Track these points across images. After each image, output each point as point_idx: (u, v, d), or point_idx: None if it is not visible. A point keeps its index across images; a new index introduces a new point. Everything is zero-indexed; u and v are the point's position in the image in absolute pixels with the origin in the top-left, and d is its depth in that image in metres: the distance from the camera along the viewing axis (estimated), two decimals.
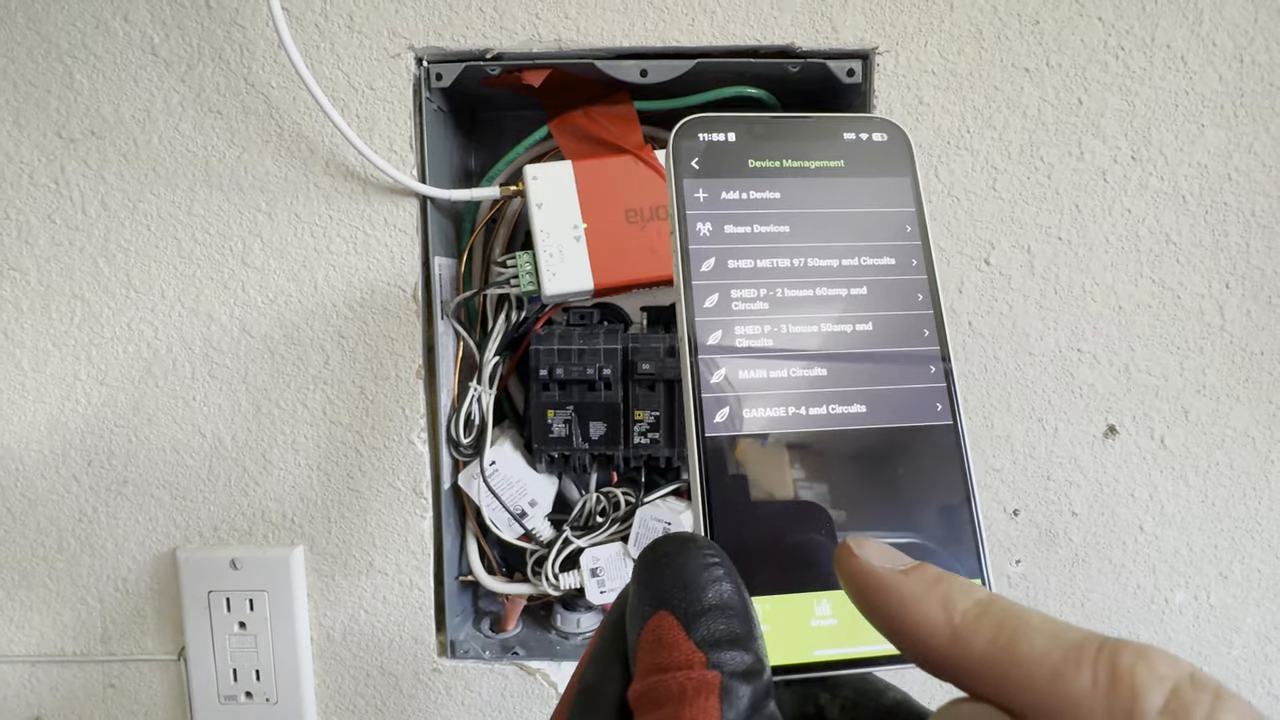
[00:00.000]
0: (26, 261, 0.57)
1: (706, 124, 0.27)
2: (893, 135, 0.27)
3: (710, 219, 0.26)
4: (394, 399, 0.58)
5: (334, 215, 0.56)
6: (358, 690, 0.62)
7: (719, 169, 0.26)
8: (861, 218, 0.26)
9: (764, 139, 0.27)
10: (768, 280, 0.25)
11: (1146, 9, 0.54)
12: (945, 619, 0.16)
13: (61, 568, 0.60)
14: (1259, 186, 0.55)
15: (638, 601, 0.19)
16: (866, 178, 0.27)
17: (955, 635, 0.16)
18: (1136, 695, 0.13)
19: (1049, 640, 0.15)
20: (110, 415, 0.59)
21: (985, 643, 0.15)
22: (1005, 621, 0.15)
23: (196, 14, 0.55)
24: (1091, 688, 0.14)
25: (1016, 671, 0.15)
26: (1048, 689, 0.14)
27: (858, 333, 0.25)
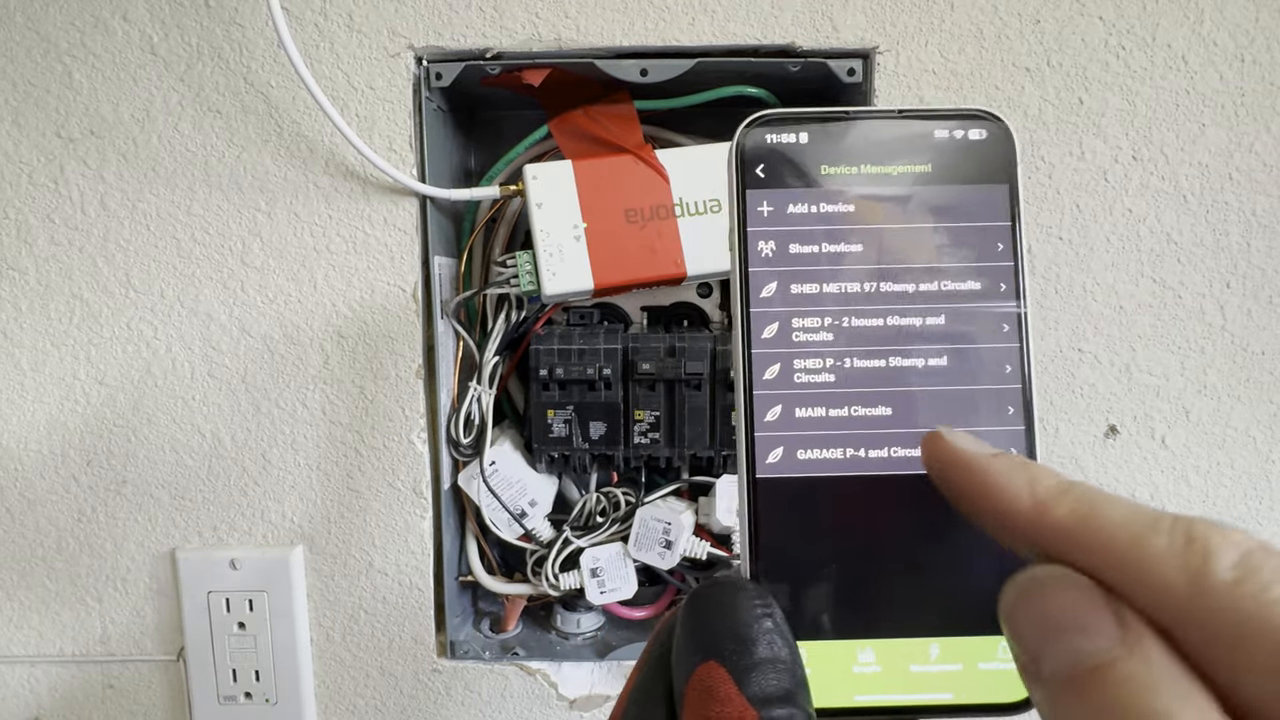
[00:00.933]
0: (25, 261, 0.57)
1: (775, 123, 0.23)
2: (992, 132, 0.24)
3: (775, 236, 0.23)
4: (394, 399, 0.58)
5: (333, 215, 0.56)
6: (357, 691, 0.62)
7: (788, 177, 0.23)
8: (947, 233, 0.23)
9: (840, 140, 0.23)
10: (834, 308, 0.23)
11: (1147, 8, 0.54)
12: (1029, 492, 0.17)
13: (60, 568, 0.60)
14: (1260, 186, 0.55)
15: (687, 646, 0.19)
16: (956, 185, 0.23)
17: (1038, 505, 0.16)
18: (1209, 554, 0.14)
19: (1129, 512, 0.15)
20: (109, 415, 0.58)
21: (1067, 511, 0.16)
22: (1087, 496, 0.16)
23: (195, 13, 0.55)
24: (1168, 549, 0.14)
25: (1096, 536, 0.15)
26: (1126, 550, 0.15)
27: (930, 368, 0.23)
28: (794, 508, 0.23)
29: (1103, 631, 0.15)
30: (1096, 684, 0.14)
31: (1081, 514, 0.16)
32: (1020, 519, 0.17)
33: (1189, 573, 0.14)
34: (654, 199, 0.56)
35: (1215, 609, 0.14)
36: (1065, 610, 0.15)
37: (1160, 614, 0.14)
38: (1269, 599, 0.13)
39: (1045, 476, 0.17)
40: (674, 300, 0.64)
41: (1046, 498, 0.16)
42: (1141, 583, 0.15)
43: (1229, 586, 0.14)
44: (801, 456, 0.23)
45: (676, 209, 0.56)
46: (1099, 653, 0.14)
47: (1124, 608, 0.15)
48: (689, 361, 0.56)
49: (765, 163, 0.23)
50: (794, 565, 0.22)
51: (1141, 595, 0.15)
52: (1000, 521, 0.17)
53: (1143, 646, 0.14)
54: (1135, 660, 0.14)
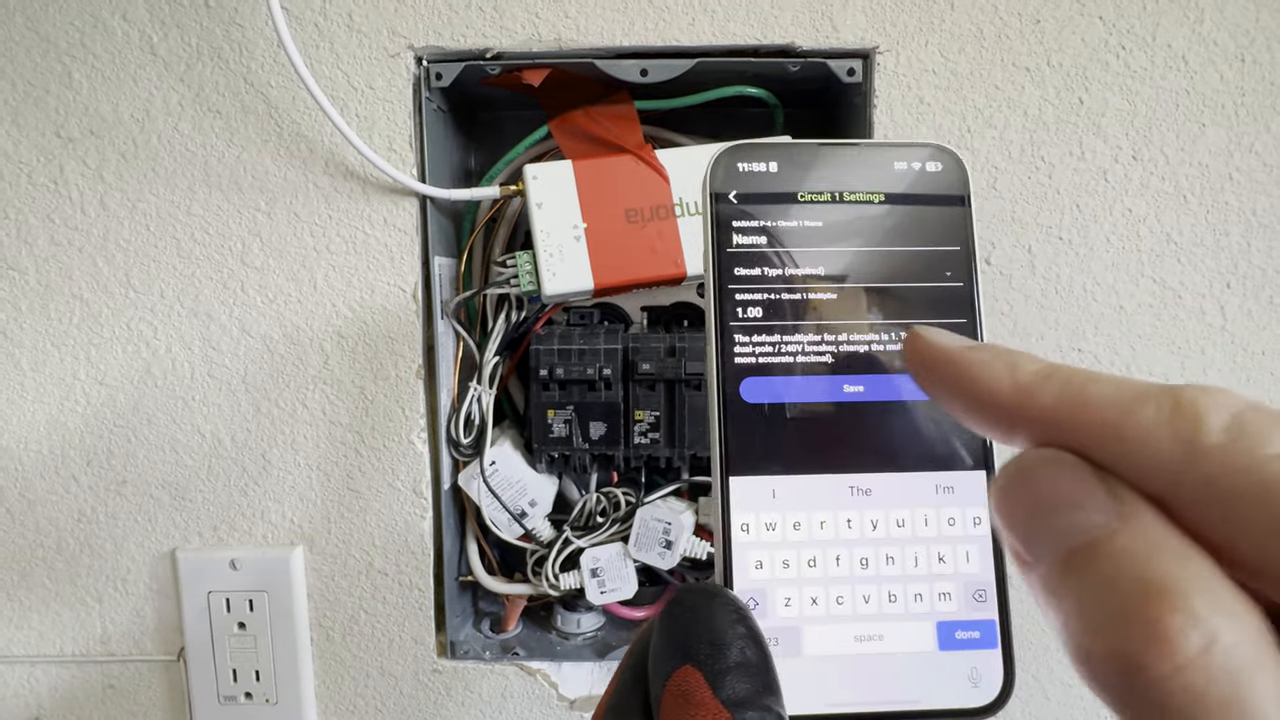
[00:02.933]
0: (25, 261, 0.57)
1: (746, 153, 0.25)
2: (947, 165, 0.25)
3: (746, 260, 0.24)
4: (394, 399, 0.58)
5: (333, 215, 0.56)
6: (357, 691, 0.62)
7: (758, 203, 0.25)
8: (904, 258, 0.25)
9: (807, 169, 0.25)
10: (803, 330, 0.24)
11: (1147, 8, 0.54)
12: (1011, 378, 0.16)
13: (60, 568, 0.60)
14: (1260, 186, 0.55)
15: (663, 652, 0.20)
16: (913, 212, 0.25)
17: (1021, 390, 0.16)
18: (1199, 418, 0.14)
19: (1115, 387, 0.15)
20: (109, 415, 0.58)
21: (1052, 394, 0.16)
22: (1072, 377, 0.16)
23: (195, 13, 0.55)
24: (1156, 417, 0.14)
25: (1083, 415, 0.15)
26: (1115, 424, 0.14)
27: (883, 389, 0.24)
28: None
29: (1096, 506, 0.14)
30: (1094, 559, 0.14)
31: (1067, 395, 0.15)
32: (1004, 407, 0.16)
33: (1179, 439, 0.14)
34: (654, 199, 0.56)
35: (1208, 472, 0.13)
36: (1056, 489, 0.15)
37: (1153, 484, 0.14)
38: (1262, 456, 0.13)
39: (1026, 362, 0.16)
40: (674, 300, 0.64)
41: (1029, 383, 0.16)
42: (1132, 454, 0.14)
43: (1221, 448, 0.13)
44: (773, 464, 0.24)
45: (676, 209, 0.56)
46: (1094, 527, 0.14)
47: (1116, 481, 0.15)
48: (689, 361, 0.56)
49: (738, 190, 0.25)
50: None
51: (1133, 467, 0.14)
52: (984, 411, 0.17)
53: (1138, 517, 0.14)
54: (1131, 530, 0.14)
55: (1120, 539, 0.14)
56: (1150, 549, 0.14)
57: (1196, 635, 0.12)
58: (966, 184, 0.25)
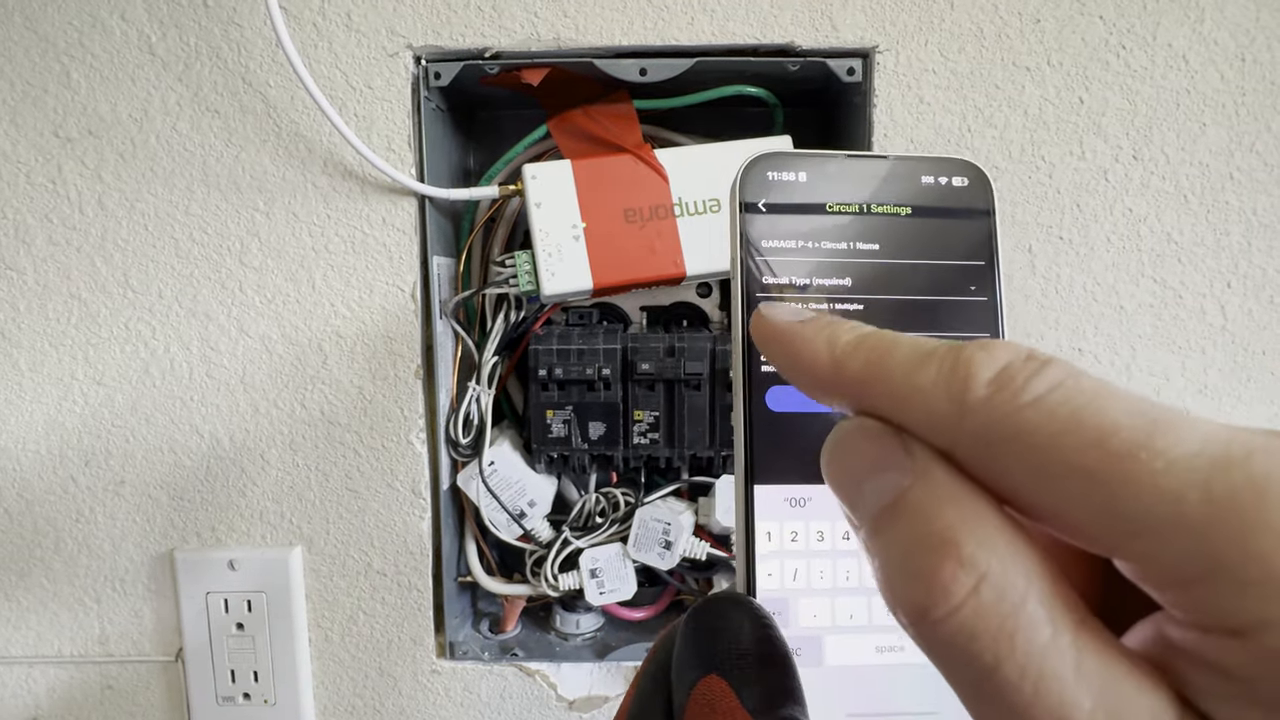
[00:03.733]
0: (23, 261, 0.57)
1: (776, 162, 0.25)
2: (973, 179, 0.26)
3: (774, 268, 0.25)
4: (392, 399, 0.58)
5: (332, 215, 0.56)
6: (356, 691, 0.61)
7: (786, 212, 0.25)
8: (930, 270, 0.25)
9: (836, 180, 0.25)
10: None
11: (1148, 8, 0.54)
12: (828, 350, 0.17)
13: (59, 568, 0.60)
14: (1261, 185, 0.55)
15: (689, 660, 0.20)
16: (939, 226, 0.25)
17: (835, 362, 0.17)
18: (970, 375, 0.15)
19: (909, 351, 0.16)
20: (108, 415, 0.58)
21: (859, 363, 0.16)
22: (878, 344, 0.16)
23: (194, 13, 0.55)
24: (935, 375, 0.15)
25: (881, 380, 0.16)
26: (903, 386, 0.15)
27: None
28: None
29: (895, 466, 0.15)
30: (895, 516, 0.15)
31: (870, 362, 0.16)
32: (823, 378, 0.17)
33: (952, 397, 0.15)
34: (653, 199, 0.56)
35: (976, 425, 0.14)
36: (863, 454, 0.16)
37: (939, 440, 0.15)
38: (1019, 405, 0.14)
39: (844, 332, 0.17)
40: (673, 300, 0.64)
41: (842, 354, 0.17)
42: (918, 414, 0.15)
43: (985, 401, 0.14)
44: (794, 472, 0.24)
45: (676, 209, 0.56)
46: (893, 487, 0.15)
47: (913, 441, 0.15)
48: (688, 361, 0.56)
49: (767, 198, 0.25)
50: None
51: (921, 426, 0.15)
52: (807, 382, 0.18)
53: (929, 472, 0.15)
54: (922, 485, 0.15)
55: (914, 494, 0.15)
56: (940, 500, 0.15)
57: (965, 577, 0.14)
58: (991, 199, 0.26)
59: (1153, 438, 0.13)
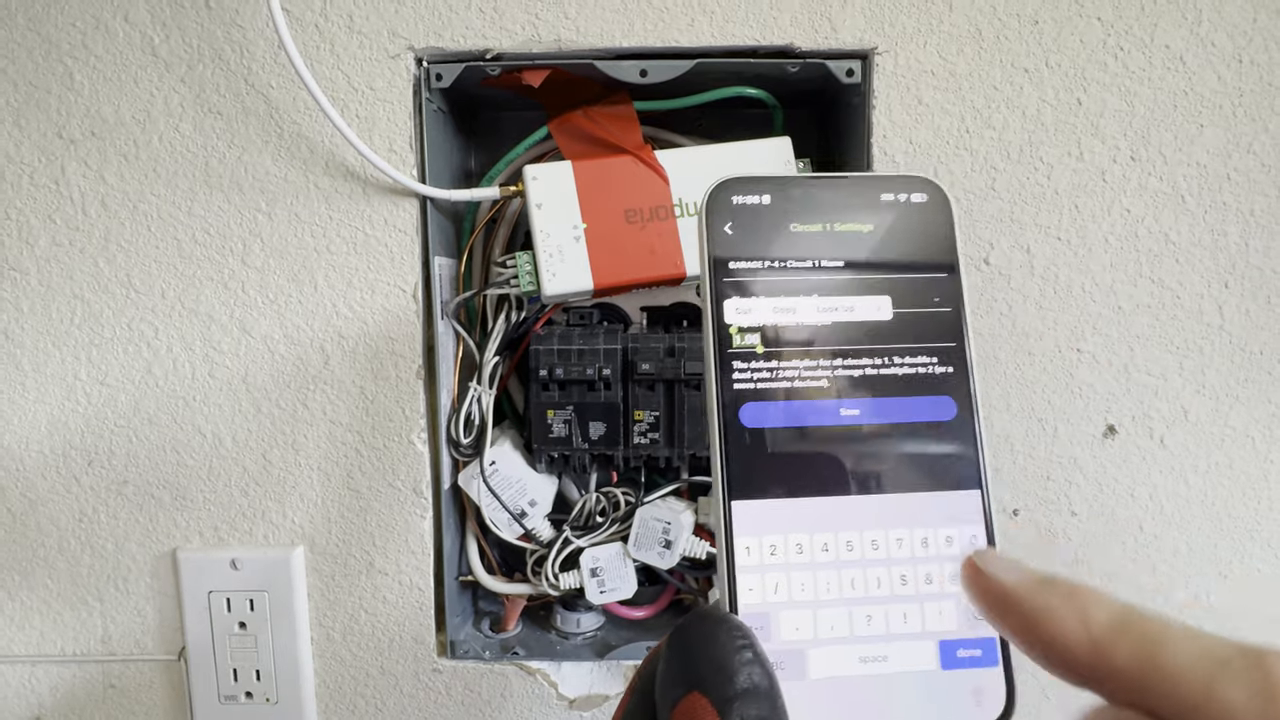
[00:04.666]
0: (27, 262, 0.57)
1: (740, 186, 0.26)
2: (932, 196, 0.26)
3: (742, 289, 0.25)
4: (394, 399, 0.58)
5: (334, 215, 0.56)
6: (358, 690, 0.62)
7: (752, 233, 0.26)
8: (894, 284, 0.26)
9: (799, 201, 0.26)
10: (800, 356, 0.25)
11: (1145, 9, 0.54)
12: (1084, 631, 0.16)
13: (62, 568, 0.60)
14: (1258, 186, 0.55)
15: (671, 679, 0.20)
16: (901, 241, 0.26)
17: (1096, 647, 0.16)
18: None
19: (1196, 652, 0.14)
20: (110, 415, 0.59)
21: (1128, 655, 0.15)
22: (1147, 632, 0.15)
23: (196, 14, 0.55)
24: (1245, 701, 0.14)
25: (1164, 684, 0.15)
26: (1200, 701, 0.14)
27: (889, 409, 0.25)
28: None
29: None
30: None
31: (1144, 656, 0.15)
32: (1078, 661, 0.16)
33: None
34: (653, 199, 0.56)
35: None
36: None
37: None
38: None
39: (1098, 610, 0.16)
40: (674, 300, 0.64)
41: (1103, 638, 0.16)
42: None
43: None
44: (774, 488, 0.24)
45: (676, 209, 0.56)
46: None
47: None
48: (689, 361, 0.56)
49: (733, 222, 0.26)
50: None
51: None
52: (1057, 663, 0.16)
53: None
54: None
55: None
56: None
57: None
58: (950, 213, 0.26)
59: None
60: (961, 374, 0.25)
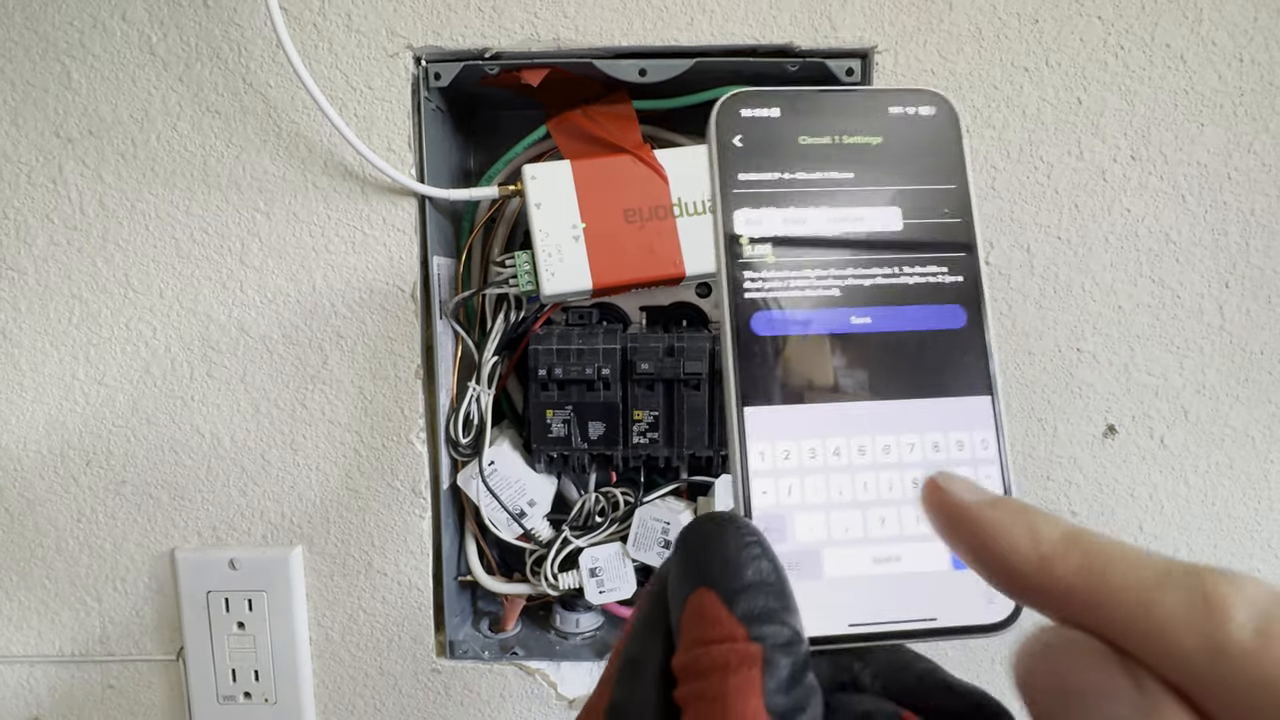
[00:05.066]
0: (24, 261, 0.57)
1: (750, 98, 0.26)
2: (940, 108, 0.27)
3: (751, 200, 0.25)
4: (393, 399, 0.58)
5: (332, 215, 0.56)
6: (356, 690, 0.62)
7: (762, 145, 0.26)
8: (904, 195, 0.26)
9: (808, 114, 0.26)
10: (808, 266, 0.25)
11: (1146, 8, 0.54)
12: (1032, 547, 0.16)
13: (60, 568, 0.60)
14: (1258, 186, 0.55)
15: (680, 578, 0.20)
16: (910, 153, 0.26)
17: (1042, 562, 0.16)
18: (1226, 615, 0.13)
19: (1137, 567, 0.15)
20: (109, 415, 0.58)
21: (1073, 570, 0.15)
22: (1093, 550, 0.16)
23: (194, 13, 0.55)
24: (1182, 610, 0.14)
25: (1106, 598, 0.15)
26: (1138, 613, 0.14)
27: (899, 317, 0.25)
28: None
29: (1122, 698, 0.14)
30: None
31: (1088, 570, 0.15)
32: (1025, 576, 0.16)
33: (1205, 637, 0.14)
34: (653, 199, 0.56)
35: (1234, 677, 0.13)
36: (1082, 677, 0.15)
37: (1176, 676, 0.14)
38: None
39: (1047, 527, 0.16)
40: (673, 300, 0.64)
41: (1051, 553, 0.16)
42: (1156, 647, 0.14)
43: (1248, 652, 0.13)
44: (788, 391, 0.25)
45: (675, 209, 0.56)
46: (1118, 719, 0.14)
47: (1141, 671, 0.14)
48: (688, 361, 0.56)
49: (742, 134, 0.26)
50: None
51: (1157, 659, 0.14)
52: (1004, 579, 0.17)
53: (1162, 712, 0.14)
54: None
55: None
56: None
57: None
58: (959, 125, 0.27)
59: None
60: (972, 283, 0.26)
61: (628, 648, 0.21)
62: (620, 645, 0.21)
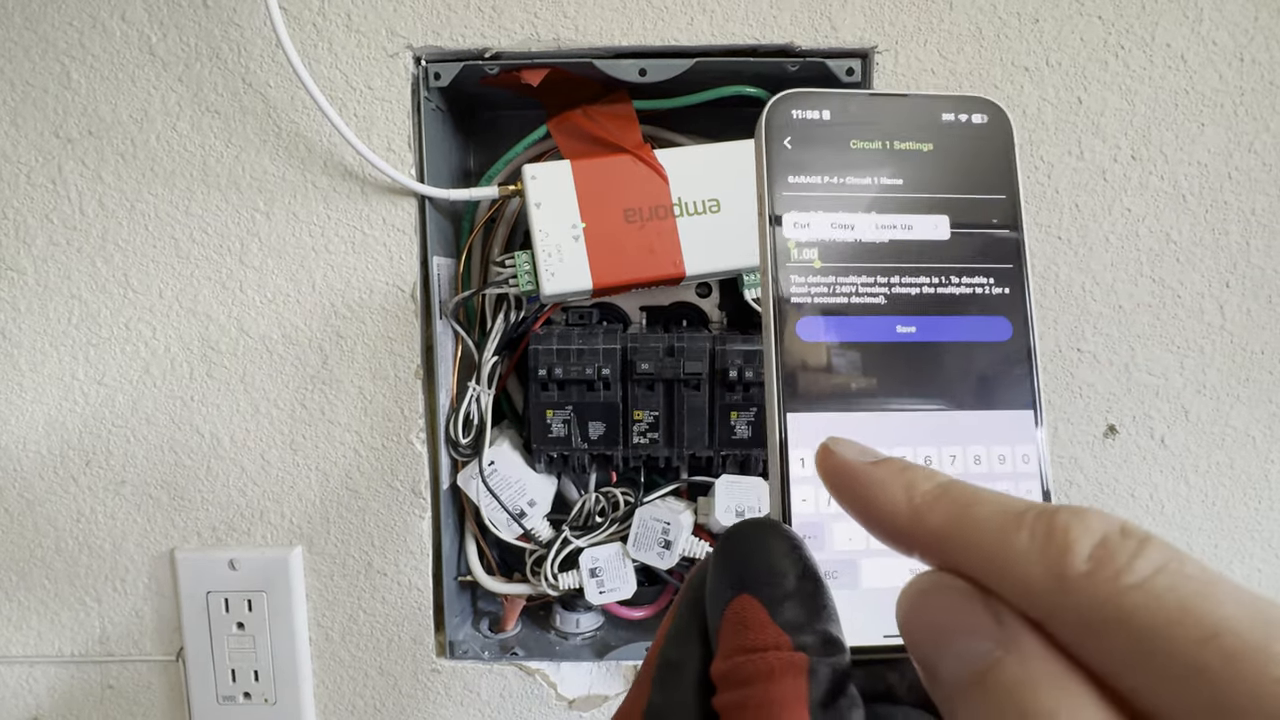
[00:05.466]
0: (24, 261, 0.57)
1: (801, 100, 0.26)
2: (993, 116, 0.26)
3: (800, 203, 0.25)
4: (392, 399, 0.58)
5: (332, 215, 0.56)
6: (356, 691, 0.62)
7: (811, 148, 0.26)
8: (953, 204, 0.26)
9: (860, 119, 0.26)
10: (854, 272, 0.25)
11: (1146, 8, 0.54)
12: (906, 499, 0.17)
13: (59, 568, 0.60)
14: (1259, 185, 0.55)
15: (719, 582, 0.20)
16: (961, 161, 0.26)
17: (914, 512, 0.17)
18: (1068, 546, 0.14)
19: (996, 510, 0.16)
20: (108, 415, 0.58)
21: (941, 517, 0.16)
22: (961, 498, 0.16)
23: (194, 13, 0.55)
24: (1031, 544, 0.15)
25: (970, 539, 0.16)
26: (993, 549, 0.15)
27: (944, 328, 0.25)
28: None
29: (984, 633, 0.15)
30: (985, 687, 0.15)
31: (953, 516, 0.16)
32: (899, 528, 0.17)
33: (1049, 567, 0.14)
34: (653, 199, 0.56)
35: (1076, 602, 0.14)
36: (948, 617, 0.16)
37: (1032, 610, 0.15)
38: (1122, 586, 0.13)
39: (922, 480, 0.17)
40: (673, 300, 0.64)
41: (922, 504, 0.17)
42: (1010, 581, 0.15)
43: (1085, 578, 0.14)
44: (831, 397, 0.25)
45: (675, 209, 0.56)
46: (982, 655, 0.15)
47: (1002, 608, 0.15)
48: (688, 361, 0.56)
49: (793, 136, 0.26)
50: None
51: (1011, 593, 0.15)
52: (881, 531, 0.17)
53: (1020, 645, 0.15)
54: (1014, 659, 0.14)
55: (1006, 668, 0.14)
56: (1033, 678, 0.14)
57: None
58: (1011, 135, 0.26)
59: (1272, 641, 0.12)
60: (1018, 296, 0.25)
61: (664, 650, 0.21)
62: (656, 647, 0.21)
